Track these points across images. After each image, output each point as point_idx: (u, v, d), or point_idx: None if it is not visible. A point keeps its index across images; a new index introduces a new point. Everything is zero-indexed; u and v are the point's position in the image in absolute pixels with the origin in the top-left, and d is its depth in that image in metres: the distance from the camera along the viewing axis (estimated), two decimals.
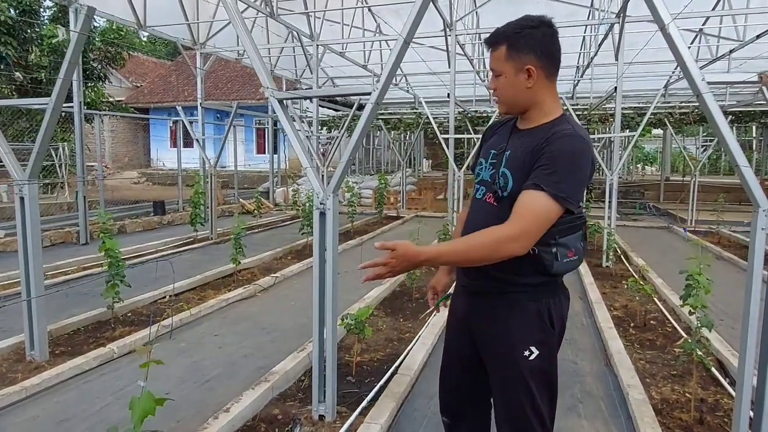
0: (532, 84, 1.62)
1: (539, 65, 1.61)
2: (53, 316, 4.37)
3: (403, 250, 1.50)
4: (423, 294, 5.47)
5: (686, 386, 3.40)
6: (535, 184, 1.52)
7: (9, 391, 3.11)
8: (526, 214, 1.50)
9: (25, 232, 3.51)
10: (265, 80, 2.72)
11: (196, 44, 9.56)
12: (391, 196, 12.99)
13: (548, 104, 1.66)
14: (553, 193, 1.50)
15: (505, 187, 1.64)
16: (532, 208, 1.51)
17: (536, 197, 1.51)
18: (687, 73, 2.27)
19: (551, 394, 1.72)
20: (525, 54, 1.60)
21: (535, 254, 1.58)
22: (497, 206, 1.66)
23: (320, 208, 2.79)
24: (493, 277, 1.67)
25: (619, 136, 7.22)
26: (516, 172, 1.62)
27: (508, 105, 1.70)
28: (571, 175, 1.53)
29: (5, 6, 11.44)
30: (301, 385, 3.38)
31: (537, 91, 1.64)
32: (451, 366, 1.92)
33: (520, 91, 1.64)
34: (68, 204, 10.57)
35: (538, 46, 1.61)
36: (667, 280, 5.77)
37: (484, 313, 1.73)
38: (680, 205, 12.66)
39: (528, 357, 1.64)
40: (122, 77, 22.97)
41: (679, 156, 20.70)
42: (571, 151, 1.54)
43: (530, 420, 1.66)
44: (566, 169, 1.52)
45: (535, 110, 1.67)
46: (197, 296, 5.35)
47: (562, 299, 1.72)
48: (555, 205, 1.51)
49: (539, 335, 1.65)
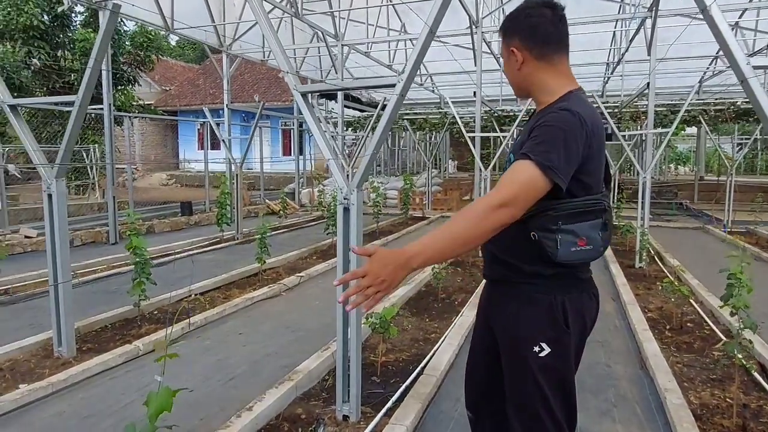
0: (519, 65, 1.63)
1: (523, 46, 1.62)
2: (81, 313, 4.43)
3: (382, 254, 1.34)
4: (449, 294, 5.37)
5: (727, 391, 3.23)
6: (522, 153, 1.47)
7: (36, 387, 3.13)
8: (512, 179, 1.43)
9: (53, 227, 3.55)
10: (283, 65, 2.67)
11: (222, 46, 9.65)
12: (416, 196, 12.90)
13: (550, 84, 1.62)
14: (539, 161, 1.41)
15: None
16: (518, 174, 1.44)
17: (522, 165, 1.44)
18: (731, 58, 2.14)
19: (565, 396, 1.61)
20: (510, 37, 1.65)
21: (536, 239, 1.52)
22: None
23: (344, 204, 2.72)
24: (503, 263, 1.64)
25: (651, 133, 6.99)
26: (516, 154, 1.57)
27: (515, 89, 1.74)
28: (559, 147, 1.44)
29: (38, 12, 11.77)
30: (325, 384, 3.33)
31: (531, 73, 1.64)
32: (476, 358, 1.86)
33: (513, 73, 1.68)
34: (99, 204, 10.80)
35: (522, 27, 1.63)
36: (704, 282, 5.54)
37: (498, 302, 1.69)
38: (715, 205, 12.24)
39: (538, 353, 1.55)
40: (152, 81, 23.44)
41: (713, 155, 20.07)
42: (562, 123, 1.47)
43: (543, 421, 1.57)
44: (554, 140, 1.45)
45: (538, 92, 1.66)
46: (223, 295, 5.36)
47: (583, 296, 1.61)
48: (540, 174, 1.41)
49: (550, 332, 1.55)
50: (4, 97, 3.75)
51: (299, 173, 14.51)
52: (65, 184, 3.65)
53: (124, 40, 13.56)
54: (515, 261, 1.60)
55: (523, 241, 1.54)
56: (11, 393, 3.07)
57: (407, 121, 14.08)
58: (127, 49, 13.61)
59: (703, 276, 5.73)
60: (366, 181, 16.28)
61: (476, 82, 7.91)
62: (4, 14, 11.81)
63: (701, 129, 14.71)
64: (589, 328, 1.66)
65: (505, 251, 1.61)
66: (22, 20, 11.72)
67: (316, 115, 2.79)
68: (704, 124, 11.69)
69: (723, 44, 2.17)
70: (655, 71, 6.85)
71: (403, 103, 10.82)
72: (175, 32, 8.43)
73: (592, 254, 1.55)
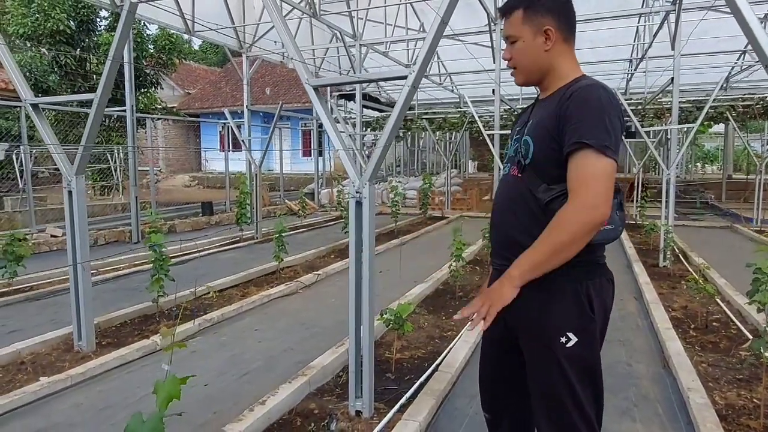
0: (550, 47, 1.57)
1: (558, 27, 1.56)
2: (103, 309, 4.51)
3: (488, 289, 1.49)
4: (466, 292, 5.31)
5: (754, 391, 3.11)
6: (574, 143, 1.42)
7: (55, 379, 3.19)
8: (585, 178, 1.40)
9: (73, 223, 3.60)
10: (293, 53, 2.66)
11: (242, 48, 9.75)
12: (435, 196, 12.84)
13: (565, 69, 1.60)
14: (599, 146, 1.39)
15: (526, 154, 1.58)
16: (587, 170, 1.41)
17: (584, 157, 1.41)
18: (754, 43, 2.06)
19: (595, 389, 1.55)
20: (543, 15, 1.56)
21: None
22: (521, 176, 1.60)
23: (356, 197, 2.70)
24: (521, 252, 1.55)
25: (676, 129, 6.83)
26: (537, 137, 1.56)
27: (526, 73, 1.64)
28: (606, 123, 1.42)
29: (64, 17, 12.05)
30: (339, 380, 3.31)
31: (554, 56, 1.59)
32: (489, 357, 1.80)
33: (538, 55, 1.58)
34: (122, 205, 10.99)
35: (556, 6, 1.58)
36: (732, 281, 5.38)
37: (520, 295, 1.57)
38: (744, 204, 11.91)
39: (565, 344, 1.49)
40: (174, 84, 23.83)
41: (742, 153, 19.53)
42: (598, 98, 1.45)
43: (571, 414, 1.51)
44: (600, 117, 1.43)
45: (552, 77, 1.61)
46: (240, 292, 5.39)
47: (603, 282, 1.56)
48: (605, 158, 1.40)
49: (577, 321, 1.50)
50: (26, 95, 3.83)
51: (319, 173, 14.57)
52: (85, 181, 3.71)
53: (147, 44, 13.81)
54: None
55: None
56: (32, 385, 3.13)
57: (426, 121, 14.03)
58: (149, 53, 13.85)
59: (731, 275, 5.56)
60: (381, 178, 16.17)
61: (495, 80, 7.83)
62: (33, 20, 12.14)
63: (729, 126, 14.31)
64: (609, 315, 1.61)
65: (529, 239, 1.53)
66: (49, 25, 12.03)
67: (327, 108, 2.78)
68: (732, 121, 11.36)
69: (746, 29, 2.09)
70: (680, 67, 6.68)
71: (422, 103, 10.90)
72: (195, 35, 8.55)
73: (614, 234, 1.53)
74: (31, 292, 5.29)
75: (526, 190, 1.56)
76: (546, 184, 1.52)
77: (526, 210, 1.57)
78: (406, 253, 7.44)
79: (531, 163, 1.56)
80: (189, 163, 23.45)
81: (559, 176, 1.49)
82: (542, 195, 1.52)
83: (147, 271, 5.80)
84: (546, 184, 1.52)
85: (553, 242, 1.41)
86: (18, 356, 3.64)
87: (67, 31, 12.29)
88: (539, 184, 1.54)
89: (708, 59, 11.02)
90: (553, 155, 1.50)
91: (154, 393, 1.60)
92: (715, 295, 4.75)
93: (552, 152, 1.50)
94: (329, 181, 15.34)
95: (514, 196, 1.61)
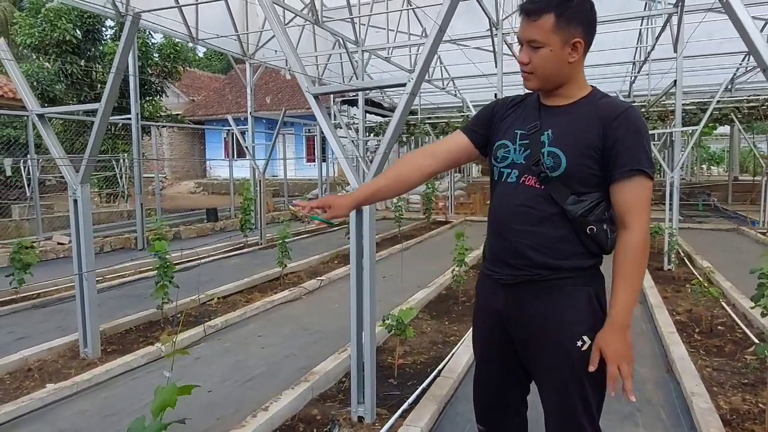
0: (575, 58, 1.51)
1: (585, 38, 1.52)
2: (109, 316, 4.54)
3: (606, 340, 1.47)
4: (470, 297, 5.31)
5: (759, 396, 3.10)
6: (632, 169, 1.47)
7: (61, 386, 3.22)
8: (643, 203, 1.49)
9: (78, 230, 3.64)
10: (295, 65, 2.69)
11: (245, 55, 9.82)
12: (439, 201, 12.84)
13: (582, 79, 1.59)
14: (648, 172, 1.48)
15: (555, 167, 1.51)
16: (643, 195, 1.49)
17: (640, 183, 1.48)
18: (751, 46, 2.07)
19: (601, 390, 1.57)
20: (575, 26, 1.49)
21: (594, 233, 1.50)
22: (544, 188, 1.54)
23: None
24: (538, 264, 1.54)
25: (680, 131, 6.81)
26: (571, 150, 1.51)
27: (542, 80, 1.56)
28: (649, 148, 1.52)
29: (71, 27, 12.18)
30: (341, 386, 3.32)
31: (578, 67, 1.55)
32: (490, 367, 1.76)
33: (562, 66, 1.52)
34: (128, 212, 11.06)
35: (588, 18, 1.52)
36: (737, 284, 5.35)
37: (528, 303, 1.58)
38: (750, 206, 11.84)
39: (581, 347, 1.50)
40: (179, 92, 23.98)
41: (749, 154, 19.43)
42: (644, 125, 1.52)
43: (580, 418, 1.53)
44: (646, 143, 1.50)
45: (570, 86, 1.57)
46: (244, 298, 5.42)
47: (603, 285, 1.60)
48: (650, 182, 1.50)
49: (591, 321, 1.52)
50: (32, 106, 3.88)
51: (322, 179, 14.61)
52: (90, 189, 3.75)
53: (152, 52, 13.93)
54: (556, 260, 1.53)
55: (572, 238, 1.53)
56: (39, 392, 3.17)
57: (429, 125, 14.04)
58: (155, 61, 13.97)
59: (736, 278, 5.53)
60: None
61: (497, 85, 7.84)
62: (39, 30, 12.28)
63: (734, 128, 14.24)
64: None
65: (545, 251, 1.54)
66: (55, 35, 12.17)
67: (328, 116, 2.80)
68: (737, 123, 11.32)
69: (743, 33, 2.10)
70: (683, 69, 6.67)
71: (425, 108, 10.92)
72: (199, 42, 8.61)
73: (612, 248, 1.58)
74: (38, 299, 5.34)
75: (549, 202, 1.53)
76: (575, 196, 1.52)
77: (547, 221, 1.54)
78: (409, 258, 7.46)
79: (562, 176, 1.52)
80: (194, 170, 23.57)
81: (587, 190, 1.53)
82: (573, 207, 1.51)
83: (152, 278, 5.84)
84: (575, 196, 1.52)
85: (639, 276, 1.49)
86: (25, 363, 3.68)
87: (73, 40, 12.43)
88: (567, 195, 1.52)
89: (712, 61, 10.98)
90: (590, 172, 1.51)
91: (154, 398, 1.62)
92: (720, 298, 4.74)
93: (588, 168, 1.51)
94: (333, 186, 15.38)
95: (530, 208, 1.55)
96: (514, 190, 1.60)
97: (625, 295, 1.46)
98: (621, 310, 1.46)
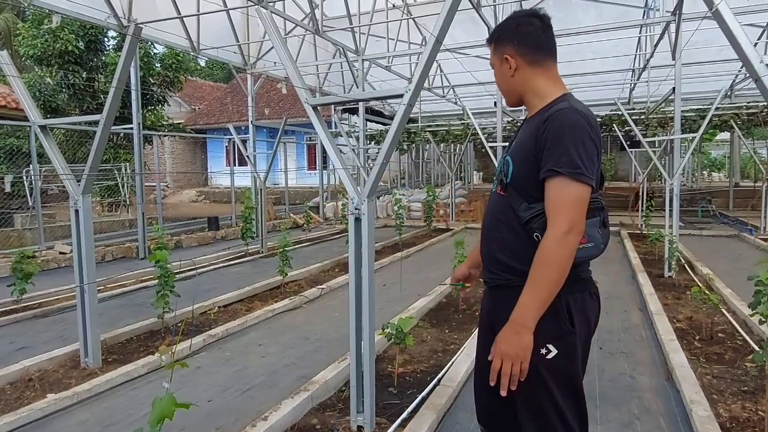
0: (513, 72, 1.68)
1: (517, 53, 1.67)
2: (110, 326, 4.56)
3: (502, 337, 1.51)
4: (470, 305, 5.32)
5: (759, 404, 3.09)
6: (548, 170, 1.50)
7: (62, 396, 3.23)
8: (559, 205, 1.49)
9: (80, 241, 3.67)
10: (298, 83, 2.72)
11: (246, 65, 9.89)
12: (440, 208, 12.85)
13: (542, 89, 1.67)
14: (570, 173, 1.47)
15: (507, 173, 1.66)
16: (560, 196, 1.49)
17: (557, 184, 1.49)
18: (742, 56, 2.09)
19: (577, 400, 1.59)
20: (503, 45, 1.70)
21: (539, 240, 1.53)
22: (504, 195, 1.67)
23: (355, 213, 2.74)
24: (506, 267, 1.65)
25: (679, 138, 6.83)
26: (517, 158, 1.64)
27: (505, 95, 1.79)
28: (578, 149, 1.49)
29: (73, 38, 12.29)
30: (341, 395, 3.33)
31: (525, 78, 1.68)
32: (483, 368, 1.81)
33: (506, 79, 1.72)
34: (130, 221, 11.10)
35: (514, 35, 1.68)
36: (738, 291, 5.34)
37: (501, 307, 1.65)
38: (751, 212, 11.83)
39: (545, 355, 1.53)
40: (181, 101, 24.11)
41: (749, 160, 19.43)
42: (571, 125, 1.51)
43: (555, 426, 1.54)
44: (571, 143, 1.49)
45: (531, 96, 1.70)
46: (245, 307, 5.43)
47: (586, 296, 1.62)
48: (577, 184, 1.48)
49: (555, 331, 1.54)
50: (34, 117, 3.92)
51: (323, 187, 14.65)
52: (92, 198, 3.78)
53: (154, 62, 14.03)
54: (519, 264, 1.60)
55: (529, 243, 1.57)
56: (39, 402, 3.18)
57: (430, 133, 14.09)
58: (157, 71, 14.07)
59: (737, 285, 5.53)
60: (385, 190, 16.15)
61: (496, 93, 7.89)
62: (42, 41, 12.38)
63: (734, 134, 14.26)
64: (593, 328, 1.65)
65: (510, 255, 1.64)
66: (58, 46, 12.27)
67: (326, 127, 2.83)
68: (736, 129, 11.34)
69: (734, 43, 2.13)
70: (682, 76, 6.71)
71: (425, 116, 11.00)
72: (200, 53, 8.68)
73: (594, 251, 1.59)
74: (39, 309, 5.36)
75: (509, 208, 1.64)
76: (526, 203, 1.59)
77: (508, 227, 1.65)
78: (410, 266, 7.47)
79: (511, 182, 1.63)
80: (195, 179, 23.65)
81: (539, 196, 1.56)
82: (522, 213, 1.60)
83: (153, 287, 5.86)
84: (526, 203, 1.59)
85: (546, 279, 1.47)
86: (26, 373, 3.69)
87: (75, 51, 12.53)
88: (520, 202, 1.61)
89: (712, 68, 11.03)
90: (531, 177, 1.57)
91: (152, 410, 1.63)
92: (720, 305, 4.74)
93: (531, 174, 1.57)
94: (334, 194, 15.42)
95: (497, 214, 1.70)
96: (492, 198, 1.78)
97: (526, 297, 1.49)
98: (519, 310, 1.50)
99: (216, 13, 7.73)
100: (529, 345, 1.48)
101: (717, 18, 2.14)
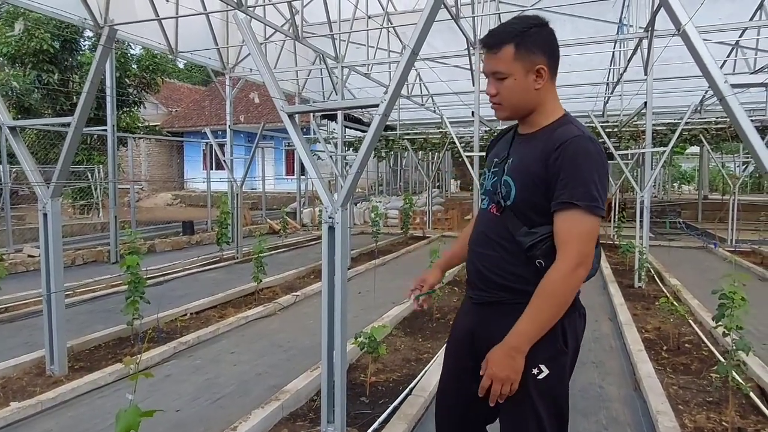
0: (541, 85, 1.55)
1: (549, 64, 1.55)
2: (78, 332, 4.45)
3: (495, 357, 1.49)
4: (444, 314, 5.34)
5: (723, 414, 3.17)
6: (564, 202, 1.46)
7: (25, 405, 3.14)
8: (572, 237, 1.46)
9: (48, 245, 3.58)
10: (274, 91, 2.72)
11: (225, 69, 9.82)
12: (417, 216, 12.90)
13: (550, 106, 1.59)
14: (587, 206, 1.45)
15: (507, 196, 1.57)
16: (574, 230, 1.46)
17: (572, 216, 1.46)
18: (708, 75, 2.16)
19: (561, 421, 1.57)
20: (535, 53, 1.53)
21: (542, 266, 1.51)
22: (500, 216, 1.61)
23: (329, 222, 2.74)
24: (498, 287, 1.60)
25: (650, 151, 7.00)
26: (520, 180, 1.56)
27: (513, 109, 1.61)
28: (595, 181, 1.46)
29: (48, 37, 12.03)
30: (312, 404, 3.30)
31: (545, 93, 1.58)
32: (456, 385, 1.77)
33: (528, 93, 1.56)
34: (102, 224, 10.88)
35: (547, 44, 1.55)
36: (705, 302, 5.48)
37: (493, 323, 1.61)
38: (719, 224, 12.16)
39: (536, 375, 1.51)
40: (158, 103, 23.78)
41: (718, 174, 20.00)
42: (586, 155, 1.47)
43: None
44: (589, 175, 1.46)
45: (538, 113, 1.60)
46: (218, 314, 5.36)
47: (576, 316, 1.59)
48: (591, 218, 1.46)
49: (550, 352, 1.52)
50: (4, 119, 3.83)
51: (301, 193, 14.59)
52: (62, 201, 3.70)
53: (131, 63, 13.82)
54: (513, 283, 1.57)
55: (525, 263, 1.55)
56: (2, 410, 3.08)
57: (408, 141, 14.17)
58: (133, 72, 13.86)
59: (704, 296, 5.66)
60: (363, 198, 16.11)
61: (474, 102, 7.98)
62: (16, 39, 12.09)
63: (704, 148, 14.68)
64: (579, 346, 1.64)
65: (503, 275, 1.59)
66: (32, 44, 12.00)
67: (302, 136, 2.83)
68: (705, 143, 11.67)
69: (700, 63, 2.20)
70: (653, 91, 6.89)
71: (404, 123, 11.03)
72: (178, 56, 8.59)
73: (591, 276, 1.56)
74: (5, 314, 5.21)
75: (505, 231, 1.58)
76: (527, 228, 1.54)
77: (501, 248, 1.60)
78: (385, 274, 7.47)
79: (512, 205, 1.56)
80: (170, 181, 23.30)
81: (541, 221, 1.52)
82: (523, 239, 1.54)
83: (124, 293, 5.75)
84: (527, 228, 1.54)
85: (549, 310, 1.46)
86: None
87: (50, 50, 12.26)
88: (520, 226, 1.55)
89: (683, 83, 11.33)
90: (537, 202, 1.52)
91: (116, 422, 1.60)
92: (687, 316, 4.85)
93: (535, 198, 1.53)
94: (312, 200, 15.36)
95: (491, 234, 1.62)
96: (484, 216, 1.70)
97: (525, 324, 1.47)
98: (515, 334, 1.47)
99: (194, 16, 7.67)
100: (521, 368, 1.47)
101: (684, 38, 2.21)
